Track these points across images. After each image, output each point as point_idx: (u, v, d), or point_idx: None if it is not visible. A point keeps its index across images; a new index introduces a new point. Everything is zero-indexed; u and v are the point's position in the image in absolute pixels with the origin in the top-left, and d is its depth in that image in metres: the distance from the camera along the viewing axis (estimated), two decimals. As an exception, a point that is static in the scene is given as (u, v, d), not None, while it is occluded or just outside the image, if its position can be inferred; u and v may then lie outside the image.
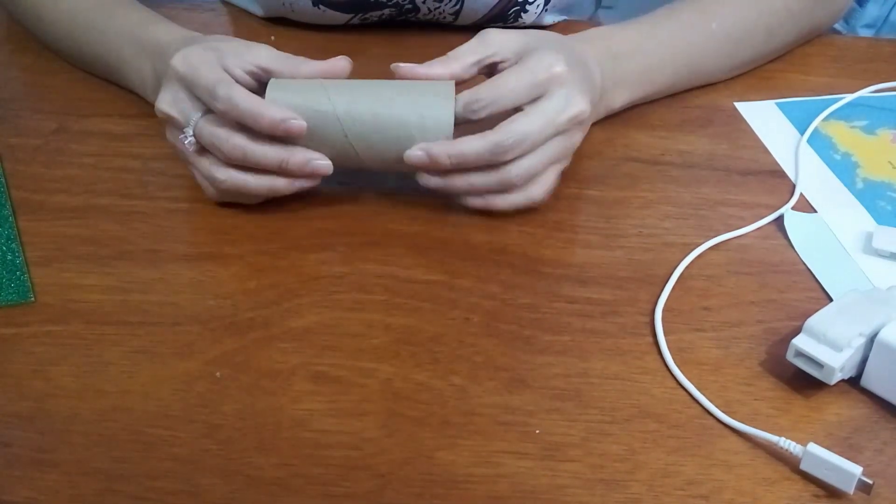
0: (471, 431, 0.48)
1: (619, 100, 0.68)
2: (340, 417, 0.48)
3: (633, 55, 0.68)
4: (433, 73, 0.59)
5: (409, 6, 0.78)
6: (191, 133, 0.57)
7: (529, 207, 0.60)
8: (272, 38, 0.79)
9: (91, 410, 0.48)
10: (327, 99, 0.57)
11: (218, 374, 0.50)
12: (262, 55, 0.59)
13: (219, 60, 0.57)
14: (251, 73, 0.58)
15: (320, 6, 0.77)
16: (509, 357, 0.52)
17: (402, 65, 0.59)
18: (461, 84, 0.59)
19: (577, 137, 0.60)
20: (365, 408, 0.49)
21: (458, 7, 0.78)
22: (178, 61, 0.58)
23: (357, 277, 0.56)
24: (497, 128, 0.56)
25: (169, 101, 0.58)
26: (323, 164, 0.57)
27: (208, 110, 0.57)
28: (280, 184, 0.58)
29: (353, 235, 0.59)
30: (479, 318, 0.54)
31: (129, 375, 0.50)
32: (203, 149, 0.58)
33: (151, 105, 0.69)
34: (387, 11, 0.79)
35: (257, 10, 0.82)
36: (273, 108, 0.56)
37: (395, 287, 0.56)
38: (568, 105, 0.58)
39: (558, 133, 0.58)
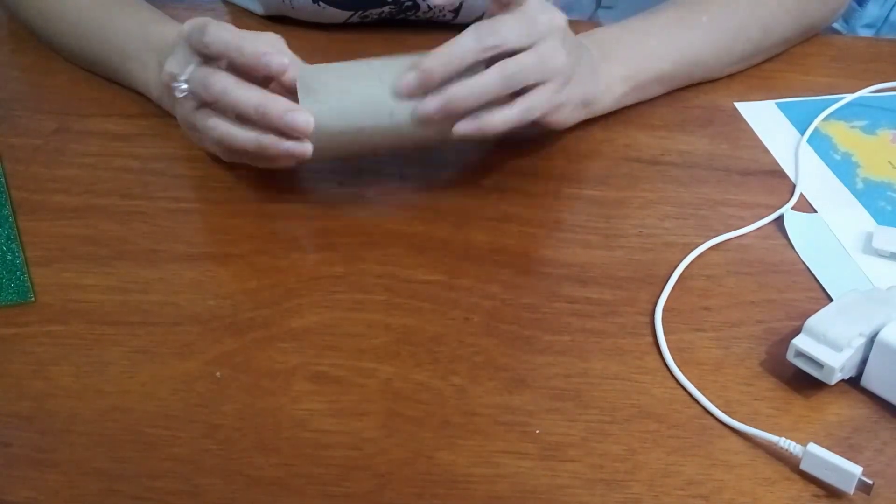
0: (471, 431, 0.48)
1: (618, 88, 0.68)
2: (340, 417, 0.48)
3: (625, 42, 0.68)
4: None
5: (409, 3, 0.78)
6: (183, 78, 0.57)
7: (523, 124, 0.58)
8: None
9: (91, 410, 0.48)
10: (367, 64, 0.58)
11: (218, 374, 0.50)
12: (275, 45, 0.59)
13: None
14: None
15: (320, 3, 0.77)
16: (509, 357, 0.52)
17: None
18: None
19: (560, 53, 0.58)
20: (365, 408, 0.49)
21: (458, 4, 0.78)
22: (186, 23, 0.58)
23: (357, 277, 0.56)
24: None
25: (173, 62, 0.58)
26: (301, 117, 0.55)
27: (206, 62, 0.57)
28: (266, 140, 0.56)
29: (353, 235, 0.59)
30: (479, 318, 0.54)
31: (129, 375, 0.50)
32: (199, 105, 0.58)
33: (152, 105, 0.69)
34: (386, 9, 0.79)
35: (257, 9, 0.82)
36: (258, 42, 0.56)
37: (395, 287, 0.56)
38: (544, 9, 0.58)
39: (540, 38, 0.57)
